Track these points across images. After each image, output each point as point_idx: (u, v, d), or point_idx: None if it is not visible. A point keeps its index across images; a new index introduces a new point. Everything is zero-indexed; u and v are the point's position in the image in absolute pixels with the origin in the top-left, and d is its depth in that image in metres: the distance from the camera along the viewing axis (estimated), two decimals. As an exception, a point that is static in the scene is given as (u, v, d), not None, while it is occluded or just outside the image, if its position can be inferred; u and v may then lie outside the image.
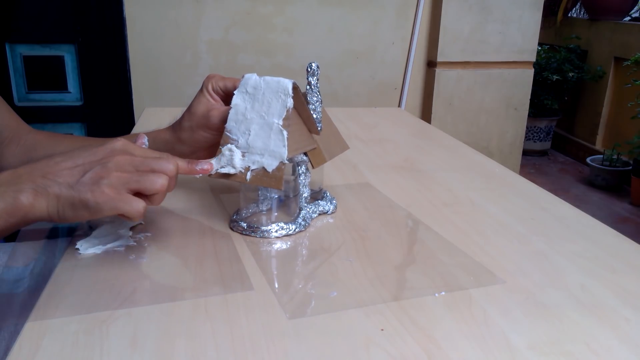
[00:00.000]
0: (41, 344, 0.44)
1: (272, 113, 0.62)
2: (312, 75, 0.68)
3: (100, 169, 0.52)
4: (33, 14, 1.71)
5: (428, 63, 1.98)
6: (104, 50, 1.78)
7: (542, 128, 3.73)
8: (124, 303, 0.50)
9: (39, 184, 0.51)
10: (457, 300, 0.52)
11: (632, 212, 2.91)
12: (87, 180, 0.51)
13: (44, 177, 0.51)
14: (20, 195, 0.50)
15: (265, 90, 0.62)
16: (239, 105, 0.63)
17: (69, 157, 0.53)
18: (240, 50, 1.84)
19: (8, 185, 0.50)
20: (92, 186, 0.51)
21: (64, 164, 0.52)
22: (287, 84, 0.62)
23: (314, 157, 0.68)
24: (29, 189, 0.50)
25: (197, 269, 0.57)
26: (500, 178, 0.90)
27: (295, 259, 0.60)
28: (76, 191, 0.51)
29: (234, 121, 0.62)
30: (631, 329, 0.49)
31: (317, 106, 0.69)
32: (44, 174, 0.51)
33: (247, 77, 0.64)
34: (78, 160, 0.53)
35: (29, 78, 1.77)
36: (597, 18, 3.62)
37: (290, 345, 0.45)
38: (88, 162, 0.52)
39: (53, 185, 0.51)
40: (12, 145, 0.73)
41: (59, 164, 0.52)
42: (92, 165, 0.52)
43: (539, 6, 1.96)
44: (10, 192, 0.50)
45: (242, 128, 0.62)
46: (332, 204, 0.73)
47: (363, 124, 1.23)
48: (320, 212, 0.71)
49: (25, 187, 0.50)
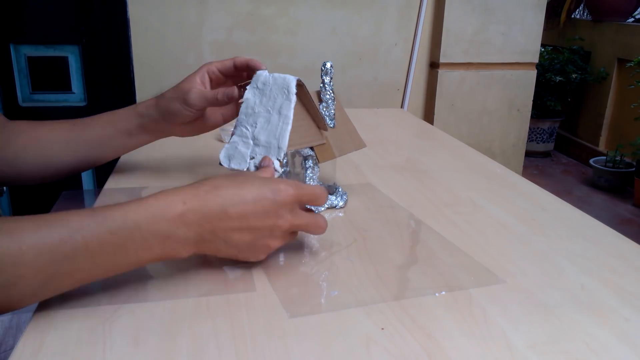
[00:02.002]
0: (45, 341, 0.44)
1: (276, 107, 0.66)
2: (326, 74, 0.72)
3: (270, 240, 0.54)
4: (37, 15, 1.72)
5: (431, 64, 1.99)
6: (108, 51, 1.79)
7: (545, 129, 3.73)
8: (127, 301, 0.50)
9: (205, 237, 0.50)
10: (458, 300, 0.52)
11: (635, 213, 2.90)
12: (255, 248, 0.54)
13: (213, 232, 0.50)
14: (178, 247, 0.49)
15: (273, 86, 0.67)
16: (249, 99, 0.68)
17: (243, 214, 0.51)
18: (243, 51, 1.85)
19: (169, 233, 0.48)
20: (255, 253, 0.54)
21: (237, 222, 0.51)
22: (291, 80, 0.66)
23: (321, 152, 0.71)
24: (189, 241, 0.50)
25: (200, 267, 0.57)
26: (502, 179, 0.90)
27: (297, 257, 0.60)
28: (242, 253, 0.54)
29: (244, 114, 0.68)
30: (631, 329, 0.49)
31: (330, 104, 0.73)
32: (214, 229, 0.50)
33: (259, 73, 0.69)
34: (251, 221, 0.51)
35: (33, 79, 1.77)
36: (600, 19, 3.62)
37: (291, 343, 0.45)
38: (260, 227, 0.52)
39: (219, 242, 0.51)
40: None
41: (231, 219, 0.51)
42: (262, 231, 0.53)
43: (542, 7, 1.96)
44: (170, 242, 0.49)
45: (250, 121, 0.67)
46: (343, 199, 0.74)
47: (365, 125, 1.23)
48: (330, 206, 0.73)
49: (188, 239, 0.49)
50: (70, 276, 0.46)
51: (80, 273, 0.46)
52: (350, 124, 0.77)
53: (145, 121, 0.75)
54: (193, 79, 0.72)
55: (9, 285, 0.43)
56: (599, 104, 3.58)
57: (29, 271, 0.44)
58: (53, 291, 0.46)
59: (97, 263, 0.46)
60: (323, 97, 0.73)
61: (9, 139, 0.74)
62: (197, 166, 0.89)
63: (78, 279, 0.47)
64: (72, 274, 0.46)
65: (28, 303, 0.46)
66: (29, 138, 0.75)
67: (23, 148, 0.74)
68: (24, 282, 0.44)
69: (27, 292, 0.45)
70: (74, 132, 0.77)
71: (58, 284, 0.46)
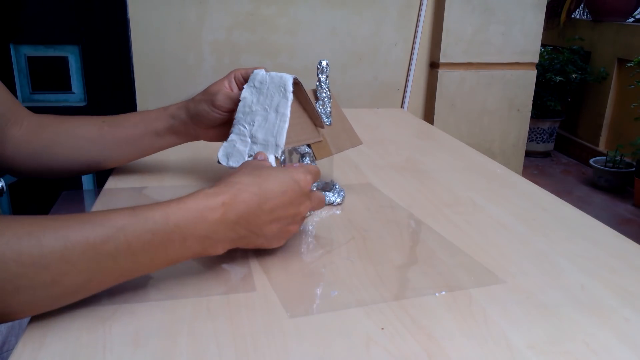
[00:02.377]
0: (45, 341, 0.44)
1: (273, 106, 0.67)
2: (322, 73, 0.73)
3: (291, 225, 0.57)
4: (37, 15, 1.72)
5: (431, 64, 1.99)
6: (108, 51, 1.79)
7: (545, 129, 3.73)
8: (127, 301, 0.50)
9: (243, 235, 0.53)
10: (458, 300, 0.52)
11: (635, 213, 2.91)
12: (278, 236, 0.57)
13: (249, 229, 0.53)
14: (217, 246, 0.52)
15: (270, 84, 0.68)
16: (247, 98, 0.69)
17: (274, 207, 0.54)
18: (243, 51, 1.85)
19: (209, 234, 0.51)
20: (278, 240, 0.58)
21: (269, 215, 0.54)
22: (288, 79, 0.67)
23: (318, 150, 0.73)
24: (228, 240, 0.52)
25: (200, 267, 0.57)
26: (502, 179, 0.90)
27: (297, 257, 0.60)
28: (266, 241, 0.56)
29: (242, 112, 0.69)
30: (631, 329, 0.49)
31: (327, 102, 0.74)
32: (250, 226, 0.53)
33: (256, 72, 0.70)
34: (279, 211, 0.55)
35: (33, 79, 1.77)
36: (600, 19, 3.62)
37: (291, 343, 0.45)
38: (285, 217, 0.56)
39: (252, 237, 0.54)
40: (15, 127, 0.74)
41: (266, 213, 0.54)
42: (287, 220, 0.56)
43: (542, 7, 1.96)
44: (209, 242, 0.51)
45: (248, 119, 0.68)
46: (340, 195, 0.75)
47: (365, 125, 1.23)
48: (328, 203, 0.74)
49: (227, 238, 0.52)
50: (111, 273, 0.47)
51: (121, 270, 0.48)
52: (346, 122, 0.77)
53: (175, 123, 0.76)
54: (221, 83, 0.74)
55: (54, 282, 0.44)
56: (599, 104, 3.58)
57: (73, 268, 0.44)
58: (95, 289, 0.48)
59: (138, 261, 0.48)
60: (319, 95, 0.74)
61: (37, 133, 0.75)
62: (196, 166, 0.89)
63: (119, 276, 0.48)
64: (114, 272, 0.47)
65: (70, 300, 0.47)
66: (57, 133, 0.76)
67: (50, 142, 0.75)
68: (68, 279, 0.45)
69: (71, 289, 0.46)
70: (103, 129, 0.77)
71: (100, 281, 0.47)
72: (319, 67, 0.73)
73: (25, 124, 0.75)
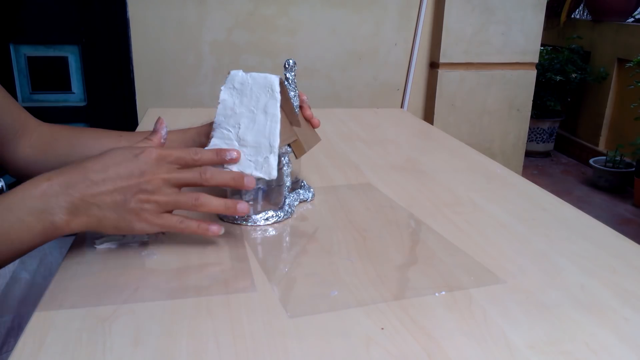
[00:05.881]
0: (45, 341, 0.44)
1: (261, 107, 0.65)
2: (290, 71, 0.72)
3: (142, 195, 0.55)
4: (37, 15, 1.72)
5: (430, 64, 1.99)
6: (108, 51, 1.79)
7: (545, 129, 3.73)
8: (127, 301, 0.50)
9: (77, 204, 0.53)
10: (458, 299, 0.52)
11: (635, 213, 2.91)
12: (130, 207, 0.55)
13: (82, 199, 0.53)
14: (54, 217, 0.52)
15: (253, 85, 0.66)
16: (226, 100, 0.66)
17: (106, 177, 0.54)
18: (243, 51, 1.85)
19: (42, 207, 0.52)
20: (136, 214, 0.55)
21: (102, 186, 0.54)
22: (274, 79, 0.65)
23: (297, 148, 0.72)
24: (63, 209, 0.53)
25: (200, 266, 0.57)
26: (502, 179, 0.90)
27: (297, 257, 0.60)
28: (121, 217, 0.54)
29: (223, 115, 0.66)
30: (630, 328, 0.49)
31: (295, 100, 0.73)
32: (82, 196, 0.53)
33: (233, 73, 0.67)
34: (117, 182, 0.54)
35: (33, 79, 1.78)
36: (600, 19, 3.62)
37: (291, 344, 0.45)
38: (127, 186, 0.54)
39: (93, 208, 0.54)
40: (24, 138, 0.73)
41: (97, 184, 0.54)
42: (131, 188, 0.54)
43: (542, 7, 1.96)
44: (45, 215, 0.52)
45: (232, 122, 0.65)
46: (311, 192, 0.77)
47: (365, 125, 1.23)
48: (301, 200, 0.76)
49: (60, 207, 0.52)
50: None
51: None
52: (303, 119, 0.77)
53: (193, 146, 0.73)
54: None
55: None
56: (599, 104, 3.58)
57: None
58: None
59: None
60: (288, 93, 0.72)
61: (50, 144, 0.74)
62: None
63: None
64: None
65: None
66: (72, 145, 0.75)
67: (66, 154, 0.74)
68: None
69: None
70: (120, 142, 0.76)
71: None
72: (287, 65, 0.72)
73: (35, 135, 0.74)
